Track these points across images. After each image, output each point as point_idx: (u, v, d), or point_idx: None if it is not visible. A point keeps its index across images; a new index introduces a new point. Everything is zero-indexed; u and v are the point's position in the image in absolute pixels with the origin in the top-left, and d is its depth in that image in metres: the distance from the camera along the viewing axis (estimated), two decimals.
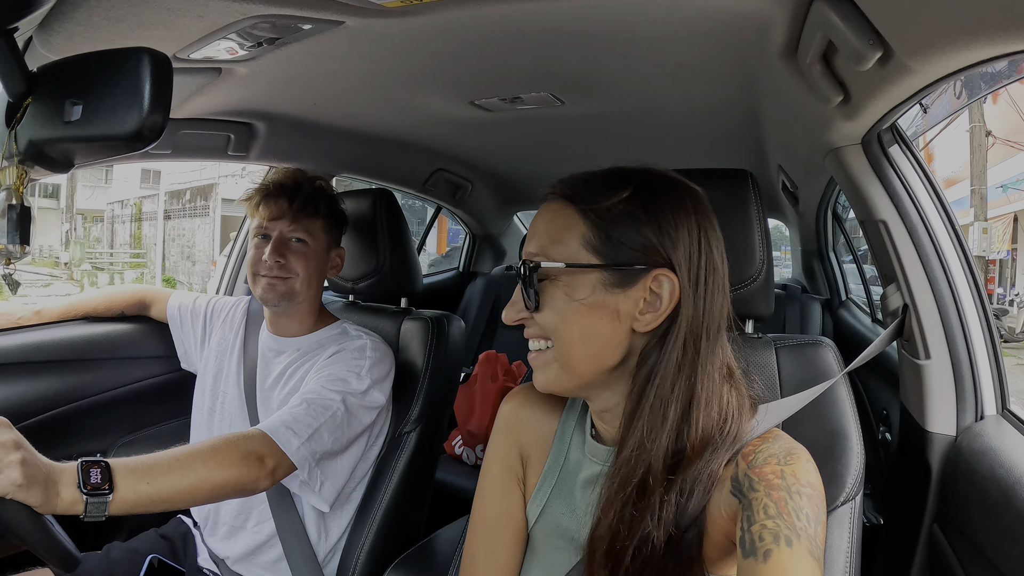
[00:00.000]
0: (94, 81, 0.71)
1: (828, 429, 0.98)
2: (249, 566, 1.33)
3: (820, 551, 0.63)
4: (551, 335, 0.76)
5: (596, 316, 0.74)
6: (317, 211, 1.39)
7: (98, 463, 0.91)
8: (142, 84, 0.68)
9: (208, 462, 1.03)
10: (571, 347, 0.75)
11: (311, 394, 1.24)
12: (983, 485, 0.96)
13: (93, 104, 0.71)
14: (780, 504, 0.65)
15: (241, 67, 1.14)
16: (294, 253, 1.37)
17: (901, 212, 1.14)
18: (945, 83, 0.83)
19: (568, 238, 0.75)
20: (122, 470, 0.93)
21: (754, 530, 0.63)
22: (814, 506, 0.66)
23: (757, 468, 0.69)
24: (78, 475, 0.88)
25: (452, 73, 1.30)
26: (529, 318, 0.77)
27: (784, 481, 0.67)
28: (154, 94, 0.68)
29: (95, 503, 0.88)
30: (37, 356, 1.50)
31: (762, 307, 1.07)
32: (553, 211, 0.78)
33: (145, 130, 0.68)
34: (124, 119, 0.69)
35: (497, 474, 0.92)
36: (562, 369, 0.76)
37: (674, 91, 1.35)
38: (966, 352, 1.12)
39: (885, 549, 1.31)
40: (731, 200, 1.05)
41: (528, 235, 0.80)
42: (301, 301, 1.40)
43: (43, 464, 0.87)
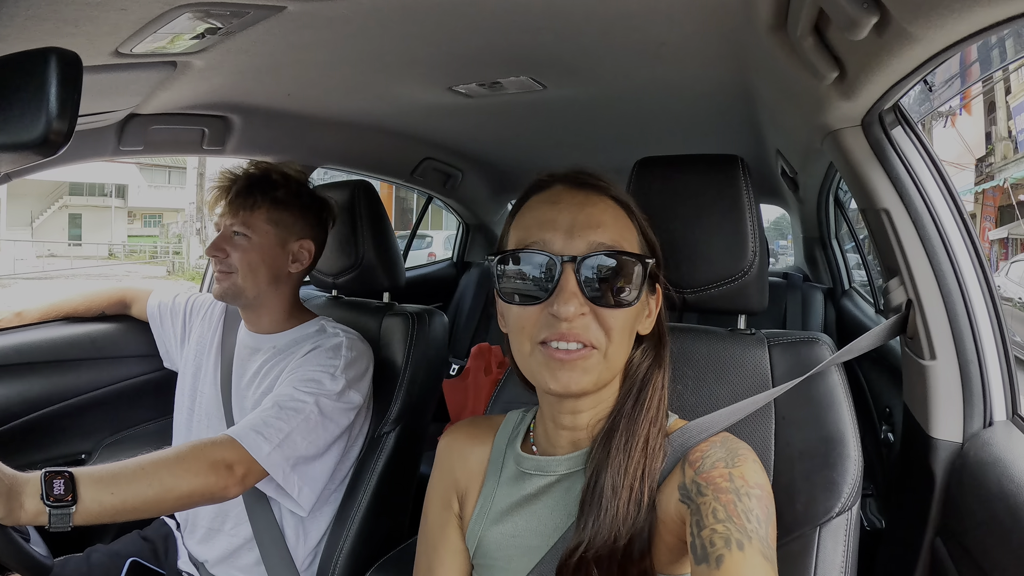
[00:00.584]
0: (2, 88, 0.66)
1: (824, 435, 0.93)
2: (228, 569, 1.31)
3: (772, 551, 0.62)
4: (614, 333, 0.74)
5: (640, 316, 0.79)
6: (255, 202, 1.31)
7: (61, 473, 0.90)
8: (48, 87, 0.63)
9: (174, 471, 1.01)
10: (623, 345, 0.76)
11: (283, 397, 1.20)
12: (990, 502, 0.89)
13: (1, 112, 0.66)
14: (729, 507, 0.64)
15: (196, 59, 1.08)
16: (234, 247, 1.31)
17: (905, 200, 1.05)
18: (952, 53, 0.75)
19: (631, 240, 0.78)
20: (86, 480, 0.92)
21: (704, 535, 0.62)
22: (763, 507, 0.65)
23: (705, 473, 0.69)
24: (41, 486, 0.88)
25: (425, 57, 1.23)
26: (586, 314, 0.73)
27: (732, 484, 0.66)
28: (60, 97, 0.63)
29: (59, 514, 0.88)
30: (18, 358, 1.49)
31: (755, 302, 1.01)
32: (606, 206, 0.78)
33: (52, 135, 0.63)
34: (30, 126, 0.64)
35: (436, 512, 0.92)
36: (607, 369, 0.76)
37: (660, 73, 1.27)
38: (975, 352, 1.04)
39: (885, 557, 1.24)
40: (720, 188, 1.01)
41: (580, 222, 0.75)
42: (252, 298, 1.33)
43: (7, 475, 0.87)
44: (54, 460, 1.54)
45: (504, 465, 0.88)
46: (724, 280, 0.99)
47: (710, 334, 1.03)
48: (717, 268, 0.99)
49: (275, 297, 1.36)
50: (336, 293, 1.65)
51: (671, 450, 0.77)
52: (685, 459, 0.74)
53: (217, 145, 1.53)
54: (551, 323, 0.73)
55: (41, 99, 0.63)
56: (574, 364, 0.73)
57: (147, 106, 1.32)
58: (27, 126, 0.64)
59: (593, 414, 0.80)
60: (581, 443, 0.81)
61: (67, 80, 0.64)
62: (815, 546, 0.88)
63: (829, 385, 0.94)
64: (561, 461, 0.81)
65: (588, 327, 0.73)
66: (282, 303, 1.38)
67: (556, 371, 0.73)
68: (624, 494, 0.73)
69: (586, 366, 0.73)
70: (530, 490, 0.83)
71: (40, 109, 0.63)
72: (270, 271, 1.33)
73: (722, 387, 0.98)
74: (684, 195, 1.01)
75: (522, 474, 0.84)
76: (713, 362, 1.00)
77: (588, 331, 0.73)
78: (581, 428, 0.80)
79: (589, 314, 0.73)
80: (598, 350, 0.74)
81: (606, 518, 0.72)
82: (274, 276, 1.34)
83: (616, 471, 0.74)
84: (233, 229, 1.31)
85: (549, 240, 0.74)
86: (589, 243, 0.74)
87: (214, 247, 1.31)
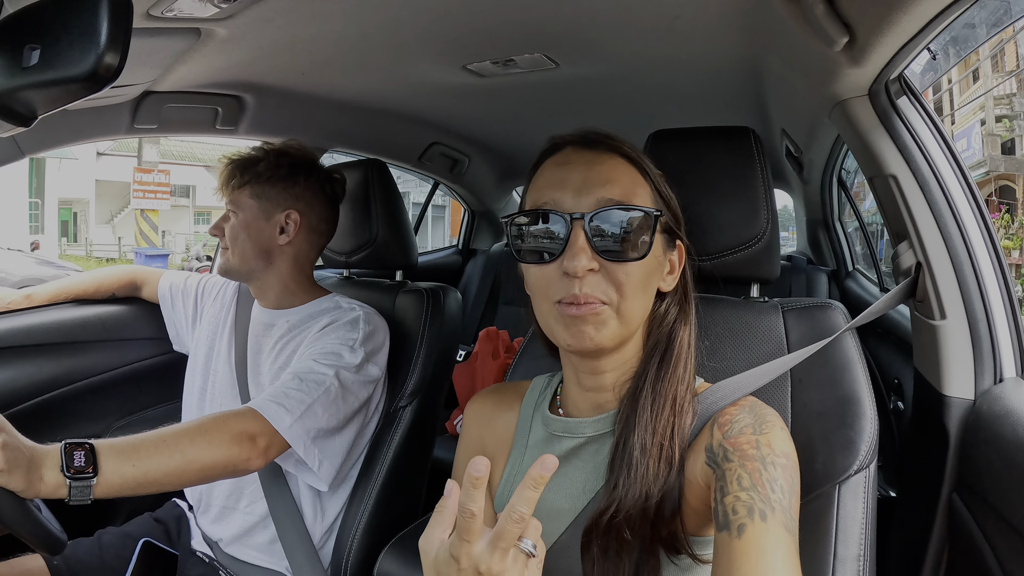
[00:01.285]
0: (52, 24, 0.68)
1: (840, 395, 0.94)
2: (242, 548, 1.30)
3: (794, 523, 0.63)
4: (627, 288, 0.75)
5: (657, 273, 0.79)
6: (239, 180, 1.33)
7: (82, 445, 0.89)
8: (99, 23, 0.65)
9: (197, 442, 1.00)
10: (638, 300, 0.76)
11: (303, 369, 1.20)
12: (1007, 449, 0.90)
13: (50, 47, 0.68)
14: (754, 475, 0.64)
15: (220, 28, 1.10)
16: (228, 225, 1.34)
17: (912, 166, 1.08)
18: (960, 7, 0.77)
19: (642, 194, 0.78)
20: (107, 452, 0.90)
21: (728, 502, 0.63)
22: (788, 476, 0.66)
23: (732, 438, 0.69)
24: (61, 458, 0.86)
25: (441, 34, 1.25)
26: (597, 270, 0.74)
27: (759, 451, 0.67)
28: (111, 32, 0.64)
29: (79, 487, 0.86)
30: (28, 340, 1.48)
31: (766, 270, 1.03)
32: (616, 163, 0.78)
33: (102, 68, 0.64)
34: (80, 60, 0.65)
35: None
36: (621, 324, 0.76)
37: (672, 47, 1.30)
38: (983, 311, 1.06)
39: (900, 522, 1.26)
40: (734, 159, 1.03)
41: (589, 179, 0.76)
42: (244, 271, 1.34)
43: (26, 447, 0.85)
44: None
45: (532, 429, 0.88)
46: (738, 247, 1.01)
47: (724, 302, 1.05)
48: (731, 236, 1.01)
49: (273, 271, 1.36)
50: (348, 273, 1.65)
51: (700, 409, 0.77)
52: (714, 421, 0.74)
53: (230, 125, 1.54)
54: (565, 283, 0.74)
55: (92, 33, 0.65)
56: (586, 319, 0.74)
57: (164, 82, 1.34)
58: (77, 60, 0.65)
59: (617, 375, 0.80)
60: (608, 405, 0.81)
61: (119, 18, 0.65)
62: (836, 503, 0.89)
63: (843, 348, 0.96)
64: (589, 423, 0.82)
65: (598, 284, 0.74)
66: (283, 277, 1.37)
67: (570, 327, 0.75)
68: (654, 451, 0.73)
69: (598, 321, 0.74)
70: (558, 452, 0.82)
71: (91, 43, 0.64)
72: (256, 245, 1.33)
73: (739, 353, 1.00)
74: (697, 166, 1.03)
75: (551, 436, 0.85)
76: (728, 329, 1.02)
77: (598, 288, 0.74)
78: (606, 389, 0.81)
79: (600, 270, 0.74)
80: (609, 306, 0.74)
81: (636, 477, 0.72)
82: (263, 250, 1.34)
83: (645, 430, 0.74)
84: (228, 208, 1.34)
85: (559, 199, 0.76)
86: (598, 200, 0.75)
87: (214, 227, 1.37)
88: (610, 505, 0.72)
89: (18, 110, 0.75)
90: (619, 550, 0.71)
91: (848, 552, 0.87)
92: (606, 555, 0.72)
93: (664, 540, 0.72)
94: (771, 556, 0.58)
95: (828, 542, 0.88)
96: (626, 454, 0.74)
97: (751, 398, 0.79)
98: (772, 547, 0.59)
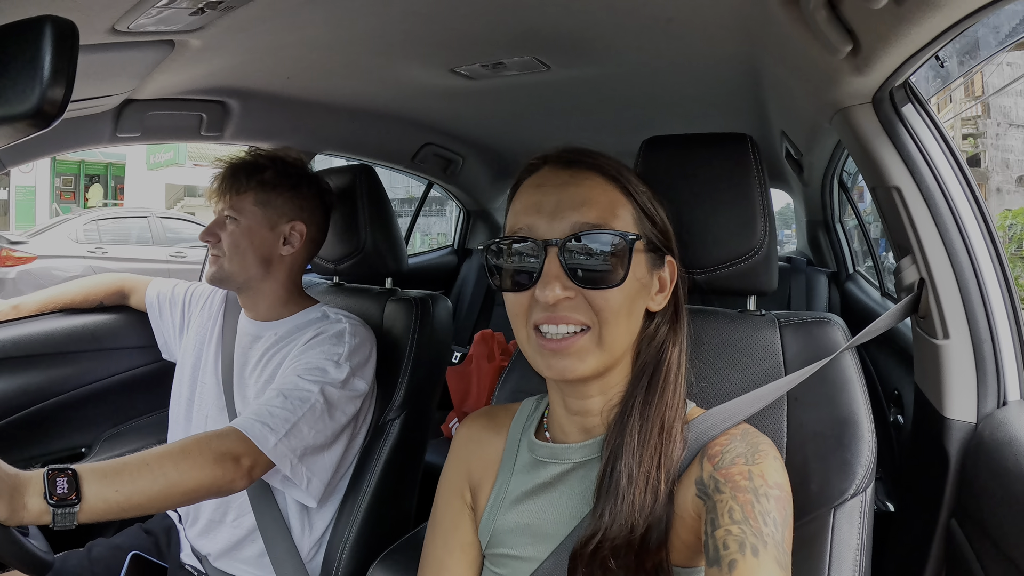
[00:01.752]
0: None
1: (837, 416, 0.91)
2: (231, 562, 1.29)
3: (787, 558, 0.61)
4: (606, 314, 0.72)
5: (641, 295, 0.76)
6: (241, 185, 1.29)
7: (64, 471, 0.88)
8: (42, 56, 0.61)
9: (179, 465, 0.99)
10: (619, 327, 0.74)
11: (287, 386, 1.18)
12: (1007, 479, 0.87)
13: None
14: (746, 508, 0.62)
15: (194, 39, 1.06)
16: (224, 231, 1.29)
17: (916, 177, 1.03)
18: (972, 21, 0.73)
19: (623, 215, 0.75)
20: (90, 477, 0.90)
21: (719, 535, 0.61)
22: (781, 508, 0.64)
23: (723, 469, 0.68)
24: (44, 485, 0.85)
25: (427, 37, 1.21)
26: (572, 297, 0.72)
27: (751, 483, 0.65)
28: (55, 67, 0.61)
29: (62, 513, 0.86)
30: (16, 351, 1.47)
31: (764, 282, 1.00)
32: (593, 183, 0.76)
33: (46, 105, 0.61)
34: (24, 97, 0.62)
35: (447, 502, 0.90)
36: (603, 352, 0.74)
37: (667, 50, 1.26)
38: (988, 331, 1.02)
39: (898, 541, 1.23)
40: (730, 167, 0.99)
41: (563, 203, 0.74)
42: (242, 282, 1.31)
43: (8, 475, 0.84)
44: (54, 454, 1.52)
45: (519, 453, 0.86)
46: (734, 260, 0.97)
47: (720, 315, 1.02)
48: (727, 248, 0.98)
49: (268, 282, 1.33)
50: (337, 280, 1.63)
51: (691, 439, 0.75)
52: (704, 452, 0.72)
53: (215, 131, 1.51)
54: (540, 307, 0.72)
55: (35, 69, 0.62)
56: (566, 351, 0.72)
57: (144, 91, 1.30)
58: (20, 96, 0.62)
59: (604, 399, 0.78)
60: (595, 430, 0.79)
61: (62, 49, 0.62)
62: (830, 528, 0.87)
63: (842, 366, 0.92)
64: (576, 449, 0.80)
65: (577, 308, 0.72)
66: (277, 288, 1.35)
67: (549, 359, 0.73)
68: (640, 482, 0.71)
69: (579, 351, 0.72)
70: (545, 478, 0.81)
71: (34, 79, 0.61)
72: (258, 254, 1.30)
73: (734, 369, 0.97)
74: (692, 175, 0.99)
75: (537, 462, 0.83)
76: (724, 344, 0.99)
77: (577, 312, 0.72)
78: (593, 414, 0.79)
79: (577, 296, 0.72)
80: (590, 331, 0.72)
81: (623, 507, 0.70)
82: (263, 259, 1.31)
83: (632, 458, 0.72)
84: (225, 214, 1.30)
85: (534, 225, 0.74)
86: (572, 224, 0.73)
87: (207, 232, 1.30)
88: (595, 533, 0.71)
89: None
90: None
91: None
92: None
93: (649, 573, 0.70)
94: None
95: (822, 567, 0.86)
96: (612, 482, 0.72)
97: (744, 425, 0.77)
98: None
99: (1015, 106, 13.31)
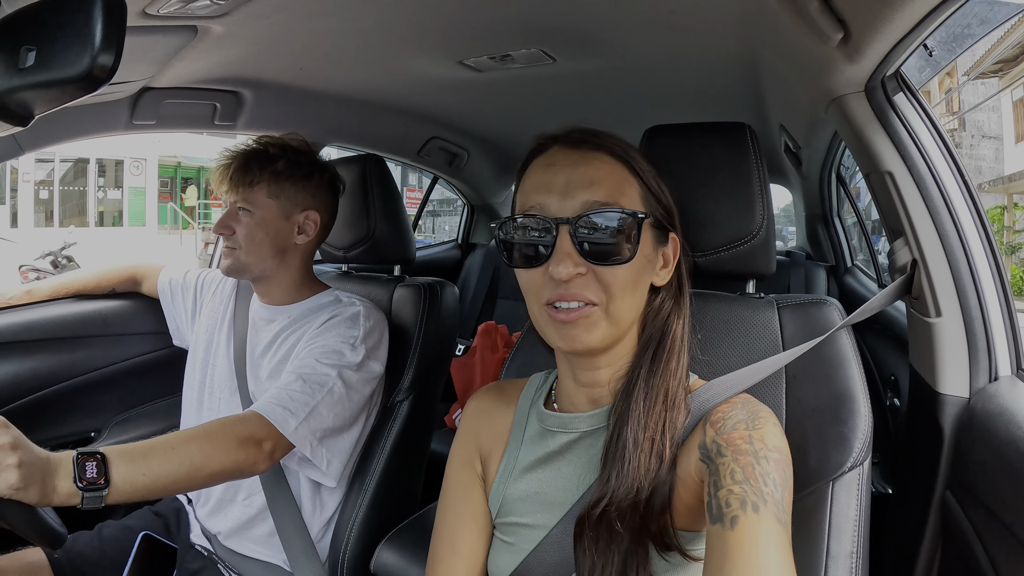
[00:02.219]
0: (48, 25, 0.68)
1: (834, 391, 0.94)
2: (241, 541, 1.30)
3: (787, 516, 0.64)
4: (615, 289, 0.75)
5: (648, 271, 0.79)
6: (253, 177, 1.30)
7: (94, 455, 0.91)
8: (93, 24, 0.65)
9: (204, 449, 1.02)
10: (627, 301, 0.77)
11: (306, 369, 1.20)
12: (1000, 448, 0.90)
13: (46, 48, 0.68)
14: (747, 469, 0.65)
15: (216, 25, 1.10)
16: (238, 223, 1.31)
17: (908, 162, 1.08)
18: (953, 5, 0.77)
19: (630, 193, 0.78)
20: (118, 461, 0.92)
21: (720, 495, 0.63)
22: (780, 470, 0.67)
23: (725, 434, 0.70)
24: (73, 469, 0.88)
25: (437, 29, 1.25)
26: (584, 273, 0.75)
27: (752, 446, 0.68)
28: (105, 33, 0.65)
29: (91, 496, 0.89)
30: (28, 335, 1.49)
31: (763, 265, 1.03)
32: (601, 162, 0.78)
33: (96, 70, 0.65)
34: (75, 61, 0.66)
35: (457, 473, 0.93)
36: (611, 325, 0.76)
37: (669, 42, 1.30)
38: (979, 309, 1.06)
39: (894, 519, 1.26)
40: (729, 154, 1.02)
41: (574, 182, 0.77)
42: (258, 271, 1.33)
43: (40, 460, 0.87)
44: (64, 438, 1.53)
45: (528, 424, 0.89)
46: (733, 243, 1.00)
47: (720, 298, 1.05)
48: (727, 232, 1.01)
49: (283, 269, 1.36)
50: (347, 268, 1.66)
51: (694, 407, 0.78)
52: (707, 419, 0.75)
53: (228, 120, 1.54)
54: (553, 284, 0.75)
55: (87, 35, 0.65)
56: (576, 322, 0.75)
57: (161, 78, 1.34)
58: (71, 61, 0.66)
59: (612, 371, 0.81)
60: (602, 400, 0.82)
61: (111, 17, 0.66)
62: (829, 500, 0.89)
63: (838, 344, 0.95)
64: (583, 418, 0.82)
65: (587, 285, 0.75)
66: (292, 275, 1.37)
67: (560, 330, 0.76)
68: (646, 446, 0.74)
69: (588, 323, 0.75)
70: (554, 447, 0.84)
71: (85, 44, 0.65)
72: (274, 244, 1.33)
73: (734, 349, 1.00)
74: (693, 161, 1.02)
75: (545, 431, 0.86)
76: (724, 325, 1.02)
77: (587, 289, 0.75)
78: (602, 384, 0.82)
79: (588, 273, 0.75)
80: (599, 306, 0.75)
81: (628, 470, 0.73)
82: (279, 249, 1.34)
83: (637, 424, 0.75)
84: (237, 206, 1.32)
85: (545, 203, 0.77)
86: (583, 203, 0.75)
87: (220, 225, 1.32)
88: (602, 497, 0.73)
89: (15, 110, 0.75)
90: (609, 541, 0.72)
91: (841, 549, 0.88)
92: (596, 546, 0.72)
93: (654, 535, 0.73)
94: (764, 547, 0.59)
95: (821, 539, 0.88)
96: (619, 447, 0.75)
97: (744, 395, 0.79)
98: (765, 538, 0.60)
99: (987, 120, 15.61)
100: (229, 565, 1.29)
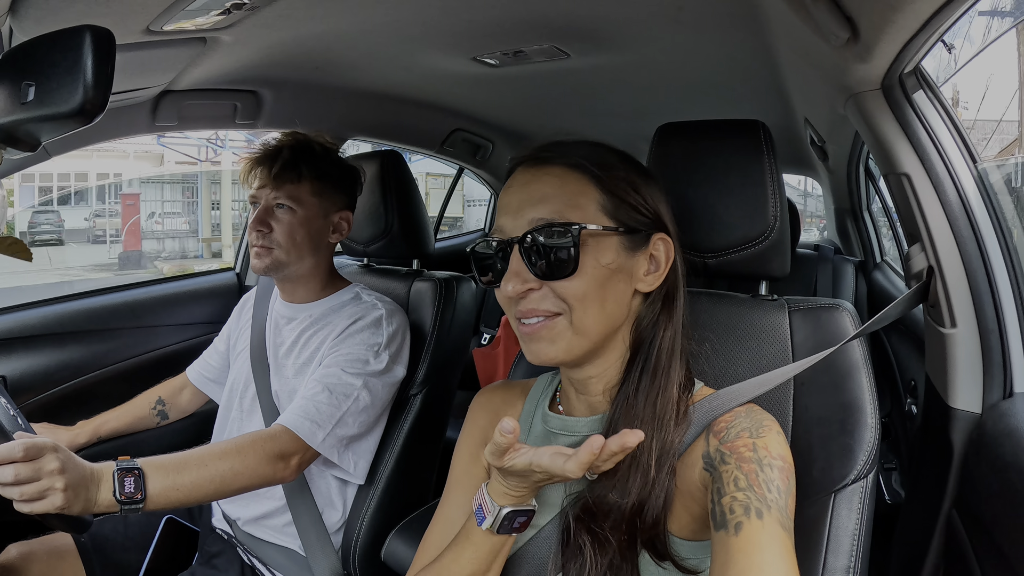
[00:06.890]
0: (44, 62, 0.72)
1: (842, 401, 0.91)
2: (259, 528, 1.36)
3: (790, 522, 0.64)
4: (572, 302, 0.75)
5: (616, 279, 0.77)
6: (300, 175, 1.31)
7: (132, 471, 0.98)
8: (84, 61, 0.68)
9: (235, 465, 1.10)
10: (590, 312, 0.76)
11: (331, 379, 1.24)
12: (1005, 472, 0.87)
13: (43, 84, 0.71)
14: (751, 476, 0.66)
15: (224, 35, 1.12)
16: (278, 221, 1.31)
17: (926, 165, 1.02)
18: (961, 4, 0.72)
19: (585, 203, 0.77)
20: (154, 475, 1.00)
21: (724, 502, 0.64)
22: (784, 478, 0.67)
23: (729, 443, 0.71)
24: (113, 483, 0.96)
25: (447, 26, 1.25)
26: (537, 288, 0.76)
27: (755, 454, 0.68)
28: (95, 70, 0.68)
29: (129, 508, 0.97)
30: (60, 328, 1.57)
31: (775, 267, 0.99)
32: (558, 176, 0.78)
33: (88, 105, 0.68)
34: (69, 97, 0.69)
35: (464, 466, 0.94)
36: (577, 336, 0.76)
37: (679, 38, 1.27)
38: (995, 321, 1.01)
39: (903, 531, 1.24)
40: (741, 153, 0.98)
41: (524, 201, 0.78)
42: (293, 270, 1.35)
43: (84, 476, 0.94)
44: None
45: (532, 424, 0.90)
46: (744, 245, 0.97)
47: (730, 299, 1.02)
48: (737, 233, 0.98)
49: (314, 267, 1.38)
50: (367, 261, 1.69)
51: (697, 418, 0.77)
52: (710, 429, 0.75)
53: (249, 119, 1.57)
54: (515, 300, 0.77)
55: (78, 72, 0.68)
56: (538, 335, 0.76)
57: (180, 82, 1.37)
58: (65, 97, 0.69)
59: (604, 380, 0.81)
60: (599, 407, 0.83)
61: (101, 54, 0.68)
62: (829, 512, 0.88)
63: (849, 352, 0.92)
64: (584, 423, 0.83)
65: (544, 299, 0.76)
66: (320, 273, 1.40)
67: (526, 343, 0.78)
68: (628, 459, 0.73)
69: (552, 335, 0.76)
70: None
71: (77, 81, 0.68)
72: (312, 243, 1.34)
73: (741, 352, 0.97)
74: (703, 160, 1.00)
75: (548, 433, 0.87)
76: (732, 326, 0.99)
77: (544, 302, 0.76)
78: (594, 393, 0.82)
79: (543, 287, 0.75)
80: (563, 316, 0.76)
81: (615, 481, 0.74)
82: (315, 247, 1.36)
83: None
84: (279, 202, 1.31)
85: (503, 225, 0.78)
86: (529, 220, 0.76)
87: (259, 222, 1.31)
88: (587, 498, 0.75)
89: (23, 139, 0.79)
90: (595, 548, 0.73)
91: (837, 563, 0.86)
92: (582, 551, 0.74)
93: (646, 543, 0.74)
94: (768, 552, 0.60)
95: (819, 551, 0.87)
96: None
97: (749, 404, 0.79)
98: (768, 544, 0.60)
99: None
100: (247, 548, 1.36)
